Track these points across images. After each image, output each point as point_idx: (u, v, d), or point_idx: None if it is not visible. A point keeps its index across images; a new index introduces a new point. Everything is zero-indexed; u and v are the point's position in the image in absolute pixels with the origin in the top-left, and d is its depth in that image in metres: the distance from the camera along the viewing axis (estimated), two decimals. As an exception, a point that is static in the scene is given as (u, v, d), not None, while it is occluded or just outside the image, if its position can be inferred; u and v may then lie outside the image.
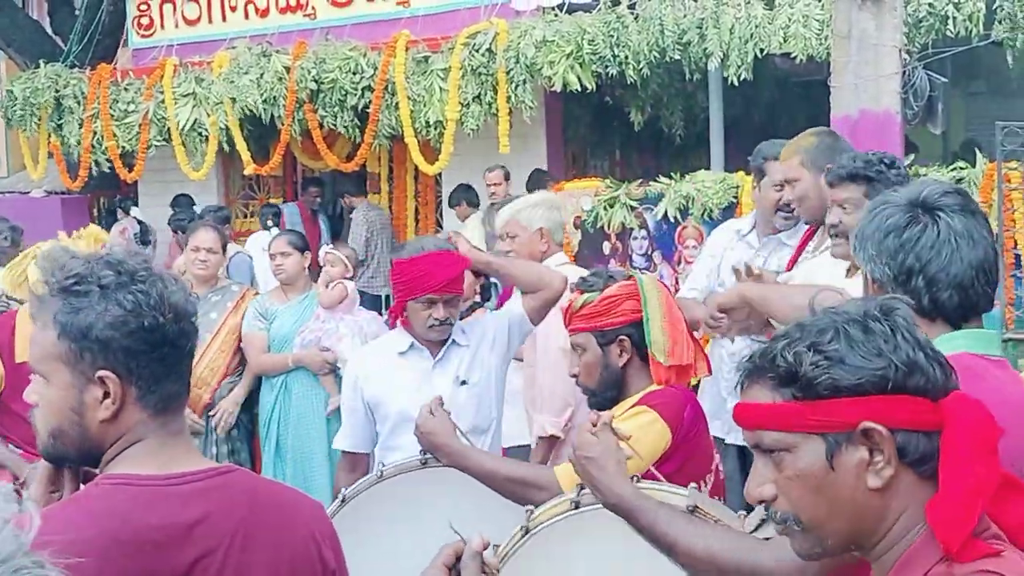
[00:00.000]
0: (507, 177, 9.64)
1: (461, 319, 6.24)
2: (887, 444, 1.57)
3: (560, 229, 5.26)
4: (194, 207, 11.07)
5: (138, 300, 1.84)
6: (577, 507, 2.60)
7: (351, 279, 6.65)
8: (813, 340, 1.60)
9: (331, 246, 7.37)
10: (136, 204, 12.88)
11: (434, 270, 4.01)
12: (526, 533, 2.47)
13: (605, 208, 8.93)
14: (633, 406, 3.14)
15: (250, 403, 6.55)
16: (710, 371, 3.48)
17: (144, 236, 12.31)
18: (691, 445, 3.12)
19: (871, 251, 2.27)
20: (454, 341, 4.13)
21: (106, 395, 1.84)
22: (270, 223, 10.97)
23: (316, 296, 6.49)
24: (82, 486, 1.94)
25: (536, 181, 9.57)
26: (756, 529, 2.30)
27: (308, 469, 6.35)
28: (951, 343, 2.16)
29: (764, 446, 1.66)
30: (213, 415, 6.40)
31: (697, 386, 4.61)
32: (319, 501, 2.15)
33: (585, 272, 4.92)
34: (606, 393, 3.32)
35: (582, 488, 2.57)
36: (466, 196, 10.86)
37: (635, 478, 2.54)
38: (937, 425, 1.57)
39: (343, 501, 3.12)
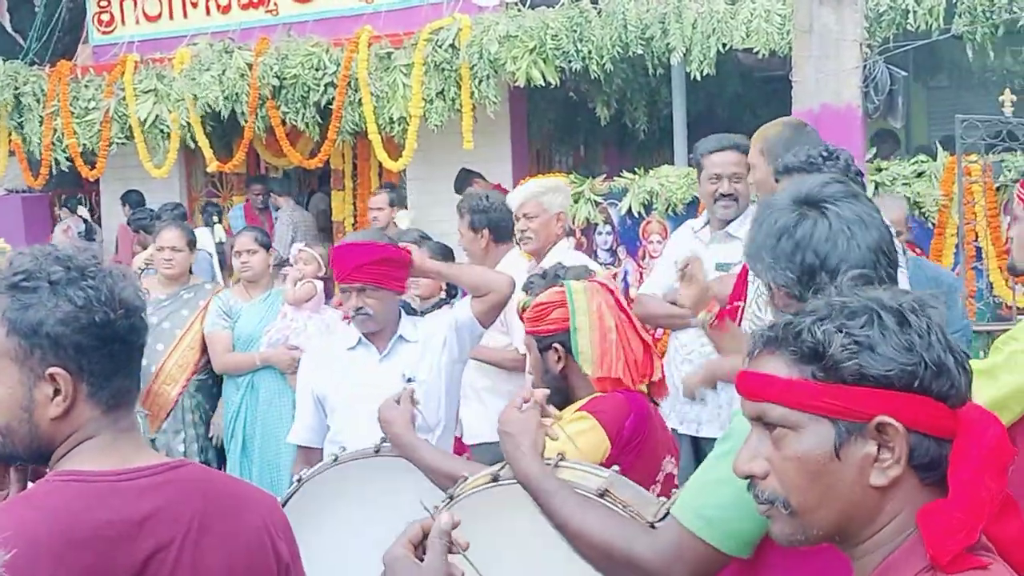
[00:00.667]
0: (392, 203, 9.61)
1: (423, 315, 6.26)
2: (900, 442, 1.51)
3: (568, 216, 5.35)
4: (144, 204, 11.04)
5: (88, 296, 1.82)
6: (496, 480, 2.61)
7: (322, 278, 6.64)
8: (843, 322, 1.54)
9: (303, 244, 7.35)
10: (83, 203, 12.83)
11: (346, 257, 4.07)
12: (451, 500, 2.50)
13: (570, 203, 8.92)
14: (577, 411, 3.08)
15: (217, 402, 6.53)
16: (662, 373, 3.36)
17: (89, 235, 12.25)
18: (633, 454, 3.02)
19: (767, 259, 2.25)
20: (402, 337, 4.15)
21: (56, 392, 1.82)
22: (214, 220, 11.05)
23: (280, 294, 6.46)
24: (30, 484, 1.92)
25: (463, 180, 9.56)
26: (662, 519, 2.28)
27: (275, 470, 6.31)
28: None
29: (767, 420, 1.60)
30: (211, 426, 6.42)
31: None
32: (273, 495, 2.15)
33: (589, 261, 4.97)
34: (553, 397, 3.24)
35: (504, 464, 2.59)
36: (391, 196, 10.97)
37: (558, 457, 2.56)
38: (951, 433, 1.52)
39: (299, 483, 3.17)
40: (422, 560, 1.75)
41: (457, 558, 1.78)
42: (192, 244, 6.54)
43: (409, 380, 4.00)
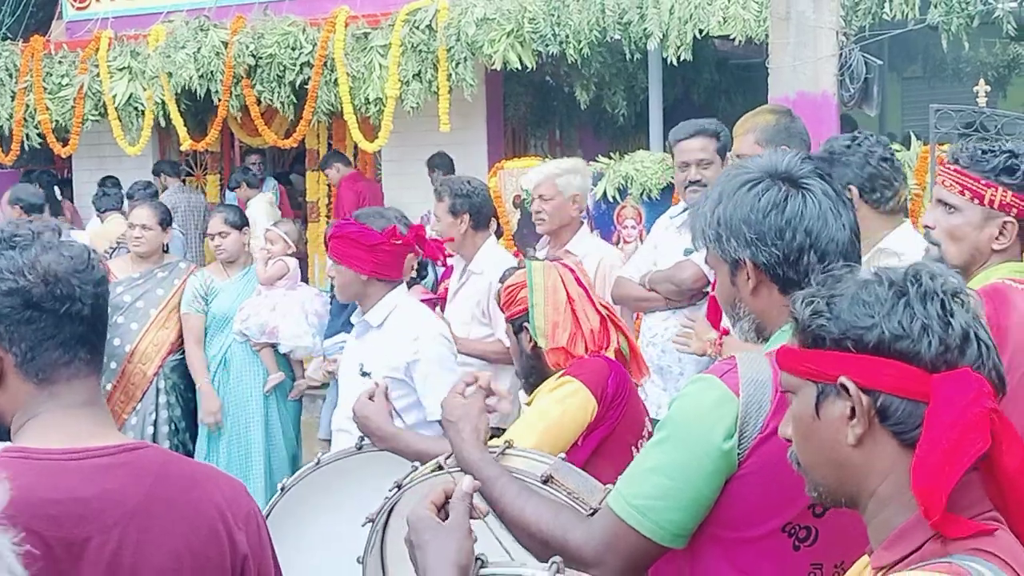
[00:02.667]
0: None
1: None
2: (859, 402, 1.58)
3: (586, 198, 5.32)
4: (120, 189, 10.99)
5: (1, 265, 1.83)
6: (440, 469, 2.58)
7: (297, 256, 6.65)
8: (831, 293, 1.65)
9: (273, 224, 7.34)
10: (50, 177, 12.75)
11: (331, 233, 4.23)
12: (399, 488, 2.47)
13: (545, 187, 8.92)
14: (560, 376, 3.17)
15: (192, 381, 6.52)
16: (632, 343, 3.47)
17: (38, 210, 12.18)
18: (619, 410, 3.15)
19: (750, 236, 2.16)
20: (369, 324, 4.15)
21: None
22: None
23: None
24: None
25: (439, 163, 9.52)
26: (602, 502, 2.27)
27: (245, 446, 6.33)
28: None
29: (782, 387, 1.75)
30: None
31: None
32: (239, 481, 2.09)
33: (608, 247, 4.97)
34: (529, 378, 3.37)
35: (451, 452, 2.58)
36: (244, 178, 11.17)
37: (505, 444, 2.56)
38: (925, 396, 1.56)
39: (283, 491, 3.11)
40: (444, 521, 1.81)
41: (476, 523, 1.84)
42: (165, 223, 6.51)
43: (364, 374, 3.99)
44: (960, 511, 1.53)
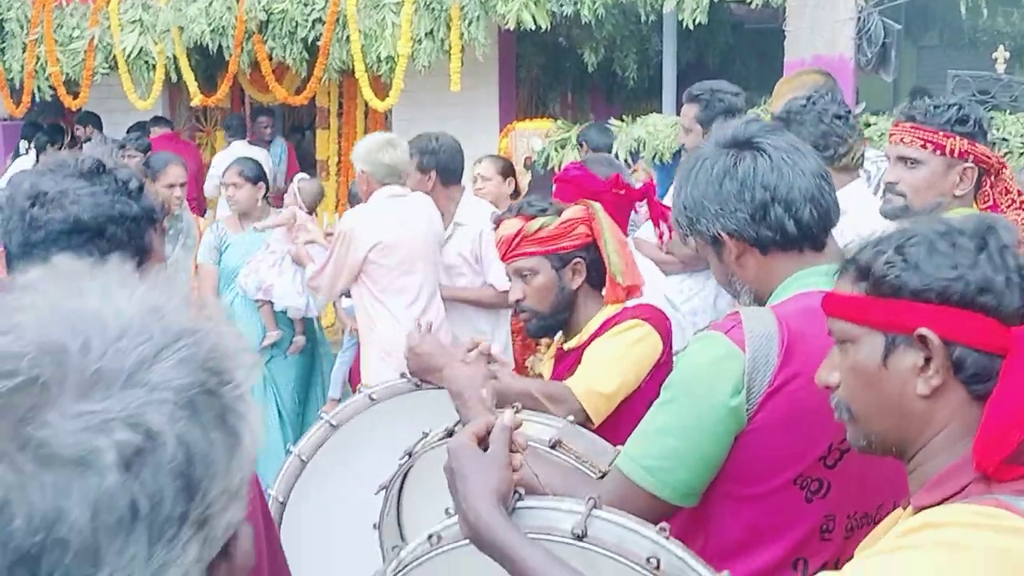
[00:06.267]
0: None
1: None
2: (939, 354, 1.58)
3: (383, 169, 5.38)
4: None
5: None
6: (450, 435, 2.49)
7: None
8: (900, 243, 1.64)
9: (300, 179, 7.40)
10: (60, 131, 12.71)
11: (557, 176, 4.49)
12: (409, 456, 2.44)
13: (556, 149, 8.89)
14: (629, 320, 3.24)
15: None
16: None
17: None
18: (670, 357, 3.23)
19: (714, 208, 2.19)
20: None
21: None
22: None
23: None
24: None
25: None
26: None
27: None
28: (804, 280, 2.15)
29: (834, 334, 1.73)
30: None
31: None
32: None
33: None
34: (558, 316, 3.39)
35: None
36: (91, 120, 11.24)
37: (513, 408, 2.52)
38: (1002, 349, 1.56)
39: (333, 427, 2.94)
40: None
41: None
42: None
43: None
44: (1010, 460, 1.54)
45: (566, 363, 3.36)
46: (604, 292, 3.37)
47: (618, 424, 3.08)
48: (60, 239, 1.83)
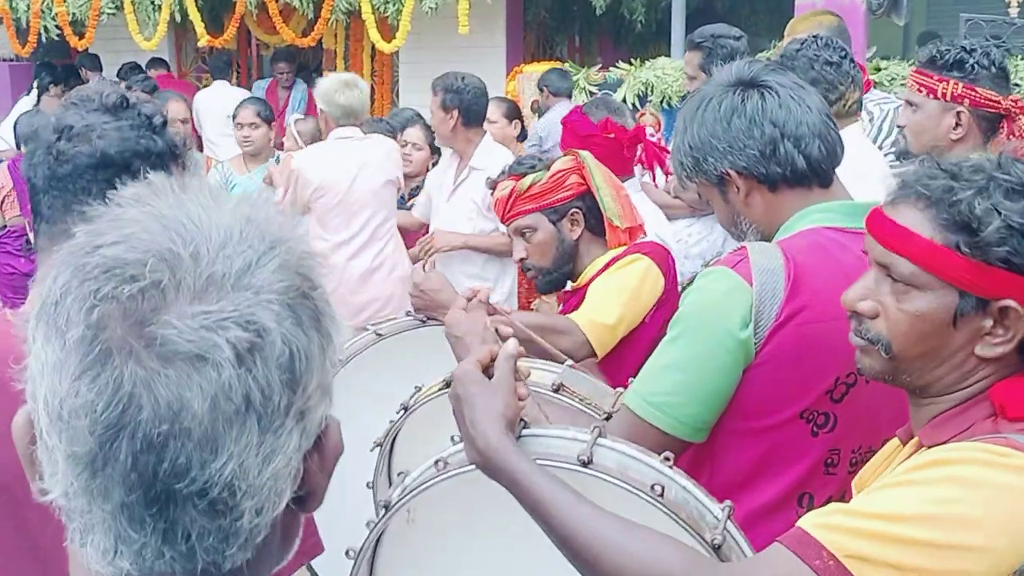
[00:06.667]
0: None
1: (415, 195, 6.27)
2: (1019, 326, 1.58)
3: (338, 110, 5.58)
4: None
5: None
6: (448, 386, 2.54)
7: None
8: (1002, 200, 1.57)
9: (297, 120, 7.34)
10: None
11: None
12: (406, 411, 2.42)
13: (564, 92, 8.83)
14: (628, 254, 3.26)
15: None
16: None
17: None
18: (674, 292, 3.25)
19: (722, 146, 2.19)
20: None
21: None
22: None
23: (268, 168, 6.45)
24: None
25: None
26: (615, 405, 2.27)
27: None
28: (811, 217, 2.15)
29: (894, 272, 1.66)
30: None
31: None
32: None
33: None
34: (562, 268, 3.40)
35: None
36: (88, 61, 11.09)
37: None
38: None
39: (339, 362, 2.89)
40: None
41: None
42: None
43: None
44: None
45: (571, 302, 3.39)
46: (607, 238, 3.38)
47: (622, 360, 3.10)
48: (87, 173, 1.83)
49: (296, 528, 1.01)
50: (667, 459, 1.75)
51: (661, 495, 1.68)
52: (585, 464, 1.72)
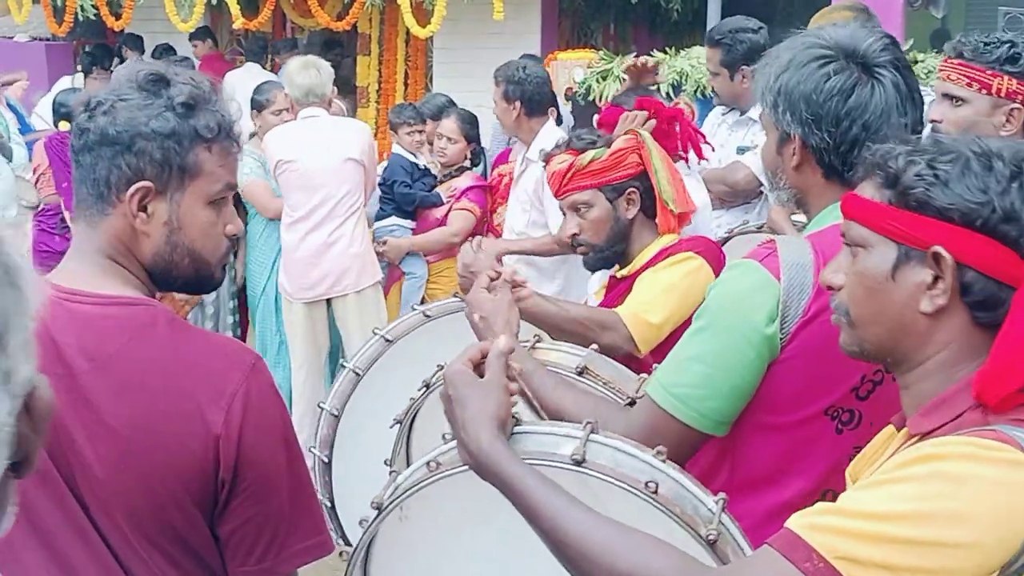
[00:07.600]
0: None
1: (445, 181, 6.26)
2: (949, 274, 1.58)
3: (298, 91, 5.89)
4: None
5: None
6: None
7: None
8: (933, 156, 1.61)
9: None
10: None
11: None
12: (427, 388, 2.43)
13: (597, 80, 8.81)
14: (681, 253, 3.24)
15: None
16: None
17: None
18: None
19: (806, 116, 2.10)
20: None
21: None
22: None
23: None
24: None
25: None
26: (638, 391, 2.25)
27: (269, 319, 6.41)
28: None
29: (848, 237, 1.73)
30: None
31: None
32: (246, 358, 1.88)
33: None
34: (615, 247, 3.39)
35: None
36: (131, 41, 11.15)
37: (535, 338, 2.54)
38: (1015, 281, 1.56)
39: (388, 342, 2.91)
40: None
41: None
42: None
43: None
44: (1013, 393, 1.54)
45: (618, 291, 3.37)
46: (657, 221, 3.36)
47: (663, 356, 3.08)
48: (94, 148, 1.84)
49: (9, 495, 0.96)
50: (660, 453, 1.74)
51: (655, 492, 1.66)
52: (579, 463, 1.69)
